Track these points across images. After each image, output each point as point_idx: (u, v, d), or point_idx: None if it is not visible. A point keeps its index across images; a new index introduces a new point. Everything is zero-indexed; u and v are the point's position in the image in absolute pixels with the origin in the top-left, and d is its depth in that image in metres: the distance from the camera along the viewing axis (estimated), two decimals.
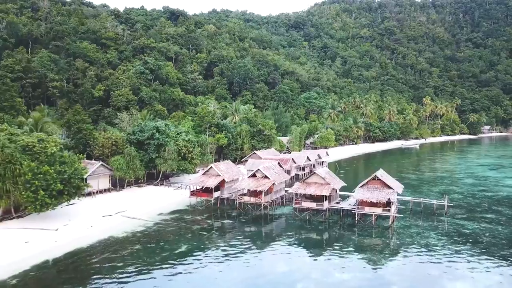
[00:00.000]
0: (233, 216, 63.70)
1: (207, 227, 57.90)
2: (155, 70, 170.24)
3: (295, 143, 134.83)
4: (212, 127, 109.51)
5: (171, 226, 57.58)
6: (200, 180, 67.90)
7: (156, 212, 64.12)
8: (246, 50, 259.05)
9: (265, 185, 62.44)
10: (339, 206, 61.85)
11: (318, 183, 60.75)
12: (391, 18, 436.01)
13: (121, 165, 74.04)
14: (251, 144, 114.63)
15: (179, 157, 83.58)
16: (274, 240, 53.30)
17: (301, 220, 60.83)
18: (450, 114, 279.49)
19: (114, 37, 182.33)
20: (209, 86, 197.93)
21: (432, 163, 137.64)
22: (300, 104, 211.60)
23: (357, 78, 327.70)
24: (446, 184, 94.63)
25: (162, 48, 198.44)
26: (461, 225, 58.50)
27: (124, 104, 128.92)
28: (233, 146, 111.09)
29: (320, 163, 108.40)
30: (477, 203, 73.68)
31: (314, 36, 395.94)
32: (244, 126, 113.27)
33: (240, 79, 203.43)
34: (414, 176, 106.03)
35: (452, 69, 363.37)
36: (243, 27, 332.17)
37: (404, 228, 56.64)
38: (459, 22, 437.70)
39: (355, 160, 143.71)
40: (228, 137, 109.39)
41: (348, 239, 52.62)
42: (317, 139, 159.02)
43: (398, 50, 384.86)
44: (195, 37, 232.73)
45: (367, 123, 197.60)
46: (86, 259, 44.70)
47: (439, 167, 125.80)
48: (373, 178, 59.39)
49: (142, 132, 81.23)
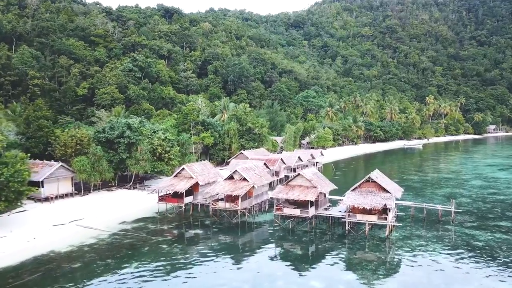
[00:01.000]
0: (205, 225, 54.96)
1: (170, 238, 49.03)
2: (145, 68, 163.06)
3: (289, 143, 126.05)
4: (197, 125, 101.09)
5: (128, 237, 48.89)
6: (169, 184, 59.00)
7: (118, 221, 55.55)
8: (243, 48, 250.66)
9: (243, 189, 53.71)
10: (327, 213, 52.56)
11: (303, 186, 51.96)
12: (393, 16, 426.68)
13: (85, 167, 65.53)
14: (240, 144, 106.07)
15: (154, 157, 75.25)
16: (248, 254, 44.59)
17: (283, 229, 52.04)
18: (454, 113, 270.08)
19: (104, 34, 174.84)
20: (203, 84, 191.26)
21: (436, 163, 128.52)
22: (298, 103, 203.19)
23: (358, 77, 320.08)
24: (452, 186, 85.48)
25: (154, 45, 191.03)
26: (472, 235, 49.40)
27: (109, 103, 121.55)
28: (220, 146, 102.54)
29: (314, 164, 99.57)
30: (488, 208, 64.35)
31: (314, 35, 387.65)
32: (232, 124, 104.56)
33: (235, 77, 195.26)
34: (417, 178, 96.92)
35: (456, 67, 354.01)
36: (240, 25, 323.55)
37: (404, 239, 47.72)
38: (463, 20, 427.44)
39: (353, 161, 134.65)
40: (214, 136, 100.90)
41: (337, 254, 43.76)
42: (313, 139, 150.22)
43: (400, 49, 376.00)
44: (189, 34, 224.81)
45: (367, 122, 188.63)
46: (8, 282, 35.98)
47: (443, 168, 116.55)
48: (366, 180, 50.32)
49: (112, 130, 72.85)
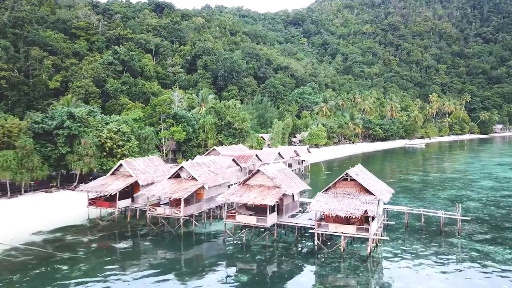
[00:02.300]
0: (140, 236, 42.94)
1: (81, 256, 36.82)
2: (127, 62, 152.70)
3: (276, 140, 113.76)
4: (168, 118, 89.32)
5: (29, 253, 36.96)
6: (101, 183, 47.02)
7: (32, 230, 43.57)
8: (237, 44, 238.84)
9: (187, 190, 41.69)
10: (293, 222, 40.05)
11: (264, 186, 39.81)
12: (395, 13, 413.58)
13: (9, 163, 53.84)
14: (218, 140, 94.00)
15: (104, 153, 63.44)
16: (187, 278, 32.41)
17: (235, 244, 39.97)
18: (459, 112, 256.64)
19: (86, 27, 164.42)
20: (192, 80, 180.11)
21: (439, 162, 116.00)
22: (293, 100, 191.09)
23: (359, 75, 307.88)
24: (457, 187, 72.96)
25: (140, 39, 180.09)
26: (486, 253, 36.79)
27: (83, 97, 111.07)
28: (194, 142, 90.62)
29: (299, 162, 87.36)
30: (503, 215, 51.73)
31: (314, 32, 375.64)
32: (209, 118, 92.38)
33: (226, 72, 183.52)
34: (416, 178, 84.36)
35: (461, 65, 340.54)
36: (236, 21, 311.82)
37: (393, 258, 35.40)
38: (467, 16, 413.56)
39: (347, 160, 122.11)
40: (187, 131, 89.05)
41: (300, 278, 31.68)
42: (306, 137, 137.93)
43: (402, 46, 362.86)
44: (179, 29, 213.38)
45: (366, 119, 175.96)
46: None
47: (448, 167, 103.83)
48: (344, 178, 37.96)
49: (51, 120, 61.14)
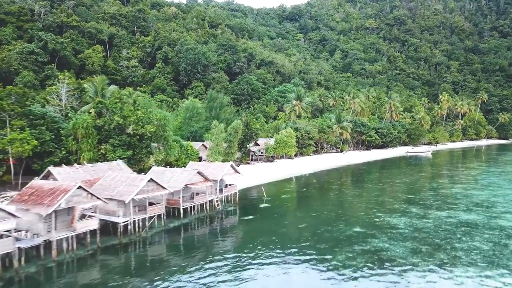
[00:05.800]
0: None
1: None
2: (57, 51, 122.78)
3: (214, 151, 79.71)
4: (15, 119, 56.62)
5: None
6: None
7: None
8: (216, 37, 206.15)
9: None
10: None
11: None
12: (402, 7, 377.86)
13: None
14: (100, 152, 60.52)
15: None
16: None
17: None
18: (473, 113, 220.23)
19: (17, 12, 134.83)
20: (149, 75, 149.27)
21: (448, 182, 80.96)
22: (272, 99, 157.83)
23: (359, 72, 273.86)
24: (481, 252, 38.17)
25: (89, 28, 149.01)
26: None
27: None
28: (57, 155, 57.61)
29: (217, 190, 53.42)
30: None
31: (312, 28, 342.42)
32: (83, 119, 59.06)
33: (188, 65, 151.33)
34: (403, 222, 48.57)
35: (475, 62, 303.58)
36: (220, 14, 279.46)
37: None
38: (482, 9, 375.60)
39: (319, 178, 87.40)
40: (42, 139, 56.22)
41: None
42: (271, 145, 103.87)
43: (409, 42, 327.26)
44: (143, 17, 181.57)
45: (357, 122, 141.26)
46: None
47: (460, 195, 68.35)
48: None
49: None
